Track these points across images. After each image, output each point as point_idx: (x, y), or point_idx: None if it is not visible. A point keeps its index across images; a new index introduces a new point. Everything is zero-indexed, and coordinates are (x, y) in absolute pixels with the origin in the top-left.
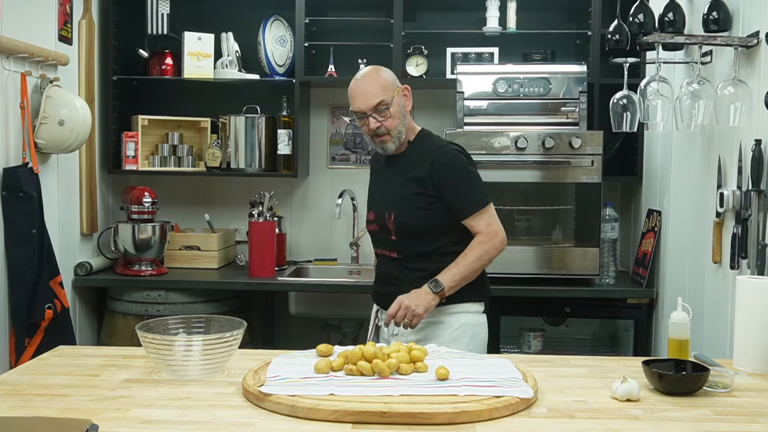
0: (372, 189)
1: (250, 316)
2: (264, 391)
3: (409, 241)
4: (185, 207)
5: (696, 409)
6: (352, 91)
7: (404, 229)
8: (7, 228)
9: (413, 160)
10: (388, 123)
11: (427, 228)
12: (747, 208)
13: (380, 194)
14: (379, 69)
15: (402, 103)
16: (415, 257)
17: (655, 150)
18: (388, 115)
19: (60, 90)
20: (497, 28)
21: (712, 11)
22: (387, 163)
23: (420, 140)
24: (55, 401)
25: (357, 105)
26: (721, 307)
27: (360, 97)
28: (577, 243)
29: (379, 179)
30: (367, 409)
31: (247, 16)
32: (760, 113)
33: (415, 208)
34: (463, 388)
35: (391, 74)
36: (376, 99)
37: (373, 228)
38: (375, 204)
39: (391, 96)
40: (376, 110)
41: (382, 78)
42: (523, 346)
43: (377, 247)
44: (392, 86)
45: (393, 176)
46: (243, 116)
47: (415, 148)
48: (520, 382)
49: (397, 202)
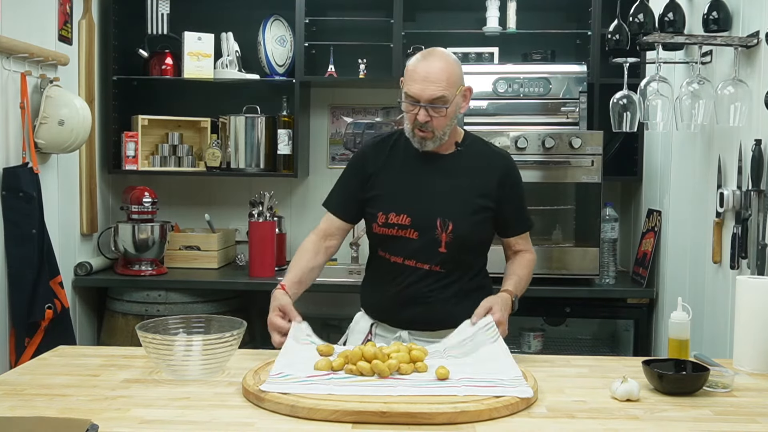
0: (400, 187)
1: (250, 316)
2: (263, 388)
3: (458, 254)
4: (185, 207)
5: (696, 409)
6: (414, 73)
7: (461, 242)
8: (7, 228)
9: (469, 165)
10: (439, 122)
11: (482, 242)
12: (747, 208)
13: (423, 197)
14: (450, 56)
15: (459, 104)
16: (460, 273)
17: (655, 150)
18: (443, 113)
19: (60, 90)
20: (497, 28)
21: (712, 11)
22: (422, 161)
23: (473, 143)
24: (55, 401)
25: (414, 89)
26: (721, 307)
27: (421, 82)
28: (577, 243)
29: (414, 177)
30: (367, 409)
31: (247, 16)
32: (760, 113)
33: (480, 221)
34: (463, 388)
35: (460, 66)
36: (439, 92)
37: (407, 234)
38: (412, 207)
39: (453, 93)
40: (432, 103)
41: (452, 69)
42: (523, 346)
43: (404, 256)
44: (458, 82)
45: (441, 178)
46: (243, 116)
47: (469, 151)
48: (521, 381)
49: (458, 211)
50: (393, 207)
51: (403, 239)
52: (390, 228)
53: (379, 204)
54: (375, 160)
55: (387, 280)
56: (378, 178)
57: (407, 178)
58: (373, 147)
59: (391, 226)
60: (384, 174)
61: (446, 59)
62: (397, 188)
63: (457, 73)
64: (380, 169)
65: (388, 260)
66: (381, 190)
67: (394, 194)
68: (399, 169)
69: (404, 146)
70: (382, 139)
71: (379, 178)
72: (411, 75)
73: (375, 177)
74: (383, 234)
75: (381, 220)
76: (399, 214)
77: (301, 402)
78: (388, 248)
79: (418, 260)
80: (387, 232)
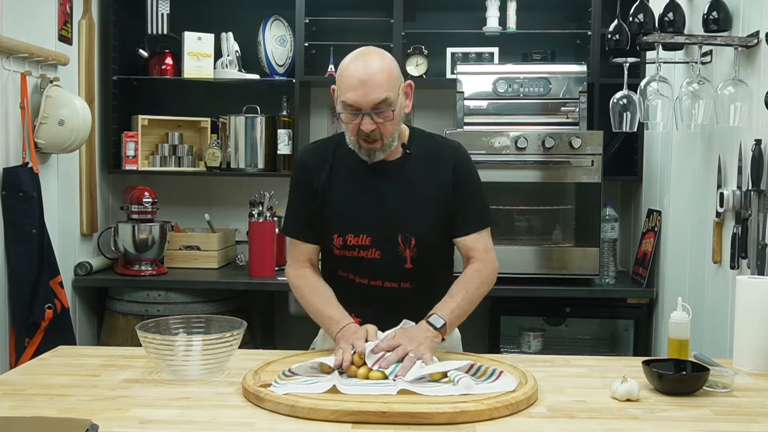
0: (352, 205)
1: (250, 316)
2: (273, 390)
3: (425, 265)
4: (185, 207)
5: (696, 409)
6: (349, 78)
7: (426, 254)
8: (7, 228)
9: (421, 167)
10: (386, 127)
11: (448, 248)
12: (747, 208)
13: (380, 213)
14: (384, 54)
15: (403, 104)
16: (431, 285)
17: (655, 150)
18: (389, 117)
19: (60, 90)
20: (497, 28)
21: (712, 11)
22: (371, 171)
23: (419, 139)
24: (55, 401)
25: (352, 97)
26: (721, 307)
27: (360, 87)
28: (577, 243)
29: (365, 191)
30: (366, 409)
31: (247, 16)
32: (760, 113)
33: (440, 226)
34: (460, 386)
35: (396, 63)
36: (381, 95)
37: (369, 255)
38: (370, 225)
39: (396, 93)
40: (376, 108)
41: (390, 67)
42: (523, 346)
43: (369, 277)
44: (398, 80)
45: (394, 189)
46: (243, 116)
47: (418, 152)
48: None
49: (419, 223)
50: (349, 228)
51: (365, 260)
52: (350, 250)
53: (333, 225)
54: (318, 174)
55: (355, 302)
56: (327, 195)
57: (358, 193)
58: (313, 157)
59: (351, 248)
60: (332, 190)
61: (381, 57)
62: (350, 206)
63: (395, 71)
64: (326, 184)
65: (352, 281)
66: (332, 210)
67: (348, 213)
68: (347, 182)
69: (348, 155)
70: (320, 146)
71: (328, 195)
72: (346, 82)
73: (323, 192)
74: (343, 255)
75: (339, 243)
76: (357, 235)
77: (301, 402)
78: (350, 269)
79: (384, 279)
80: (347, 254)
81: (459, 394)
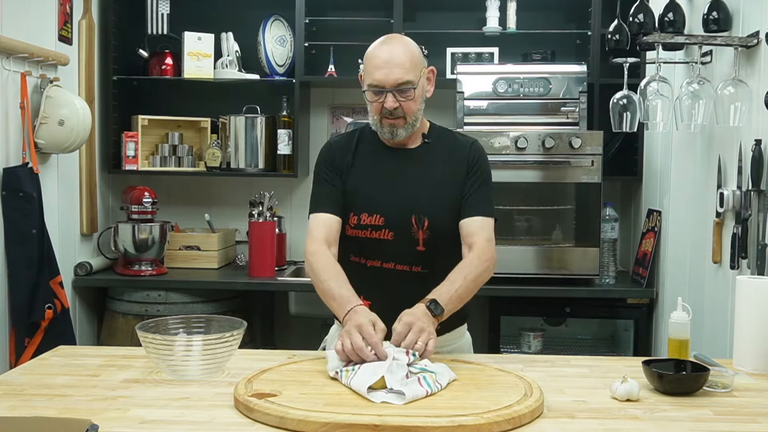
0: (370, 186)
1: (250, 316)
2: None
3: (438, 249)
4: (185, 207)
5: (696, 409)
6: (374, 59)
7: (439, 237)
8: (7, 228)
9: (438, 156)
10: (409, 105)
11: (459, 234)
12: (747, 208)
13: (395, 194)
14: (408, 39)
15: (425, 87)
16: (442, 271)
17: (655, 150)
18: (411, 95)
19: (60, 90)
20: (497, 28)
21: (712, 11)
22: (390, 156)
23: (438, 131)
24: (55, 401)
25: (377, 77)
26: (721, 307)
27: (385, 68)
28: (577, 243)
29: (384, 174)
30: (359, 422)
31: (247, 16)
32: (760, 113)
33: (452, 211)
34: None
35: (419, 50)
36: (404, 76)
37: (382, 236)
38: (384, 206)
39: (418, 75)
40: (398, 87)
41: (413, 52)
42: (523, 346)
43: (381, 259)
44: (421, 64)
45: (411, 173)
46: (243, 116)
47: (436, 140)
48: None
49: (432, 206)
50: (364, 207)
51: (378, 241)
52: (363, 230)
53: (349, 205)
54: (342, 157)
55: (366, 288)
56: (348, 176)
57: (377, 175)
58: (337, 144)
59: (364, 227)
60: (352, 172)
61: (405, 42)
62: (367, 187)
63: (418, 55)
64: (348, 166)
65: (363, 265)
66: (349, 189)
67: (365, 193)
68: (367, 166)
69: (370, 142)
70: (345, 136)
71: (349, 176)
72: (371, 62)
73: (344, 174)
74: (356, 236)
75: (353, 222)
76: (371, 215)
77: (291, 414)
78: (362, 252)
79: (396, 262)
80: (360, 234)
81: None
